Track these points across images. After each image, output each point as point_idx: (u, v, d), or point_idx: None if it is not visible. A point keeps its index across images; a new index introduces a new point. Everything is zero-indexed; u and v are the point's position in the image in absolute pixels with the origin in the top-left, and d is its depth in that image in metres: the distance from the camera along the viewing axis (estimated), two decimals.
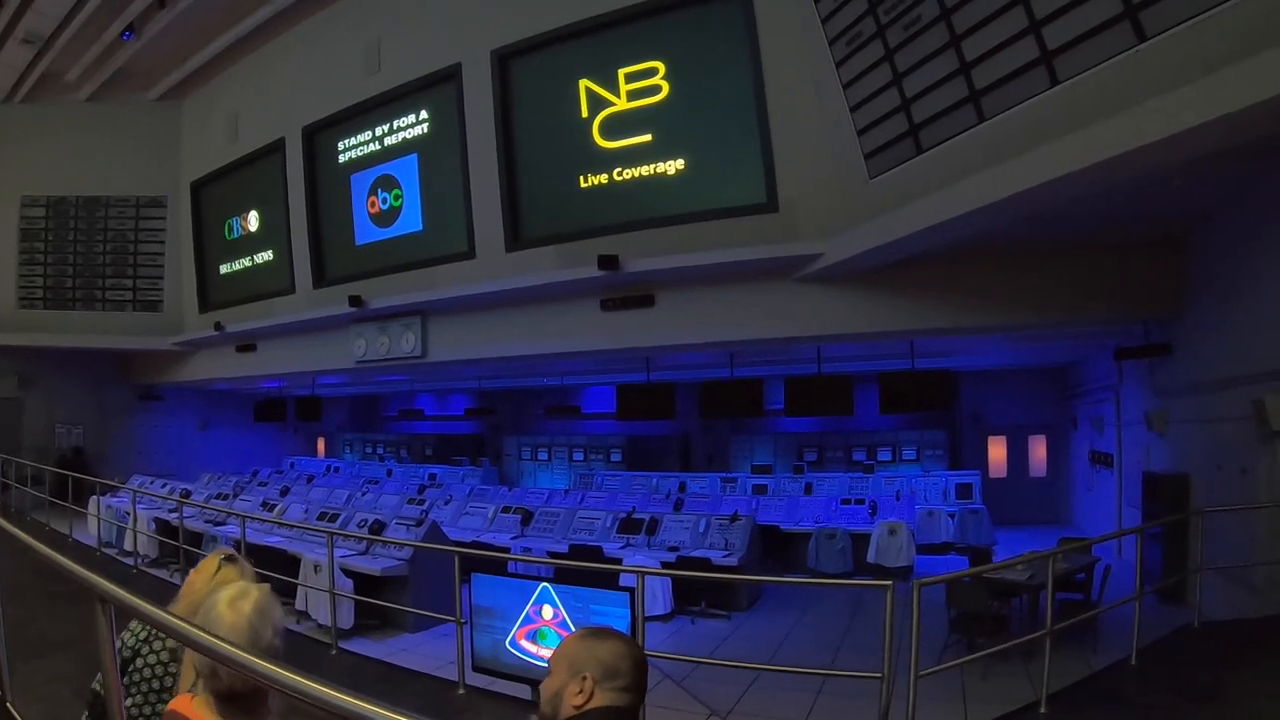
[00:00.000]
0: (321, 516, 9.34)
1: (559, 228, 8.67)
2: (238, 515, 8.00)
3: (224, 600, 1.65)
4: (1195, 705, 4.47)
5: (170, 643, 2.01)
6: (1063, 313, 7.33)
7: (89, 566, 1.88)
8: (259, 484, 13.93)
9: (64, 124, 13.44)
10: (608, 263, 7.98)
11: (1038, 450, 14.63)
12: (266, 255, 12.29)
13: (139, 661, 1.99)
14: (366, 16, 10.36)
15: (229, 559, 2.21)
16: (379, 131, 10.39)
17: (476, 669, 5.15)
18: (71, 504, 10.92)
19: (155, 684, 1.96)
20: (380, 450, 21.02)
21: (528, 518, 9.84)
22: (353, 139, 10.72)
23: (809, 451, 15.79)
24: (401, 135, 10.17)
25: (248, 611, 1.62)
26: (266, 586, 1.76)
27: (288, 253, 11.69)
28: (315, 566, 7.19)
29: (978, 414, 14.84)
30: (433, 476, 15.74)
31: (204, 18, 11.42)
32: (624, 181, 8.25)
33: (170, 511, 9.98)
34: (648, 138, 8.08)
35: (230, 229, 12.91)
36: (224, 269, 13.15)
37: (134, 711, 1.90)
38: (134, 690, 1.94)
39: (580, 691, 1.42)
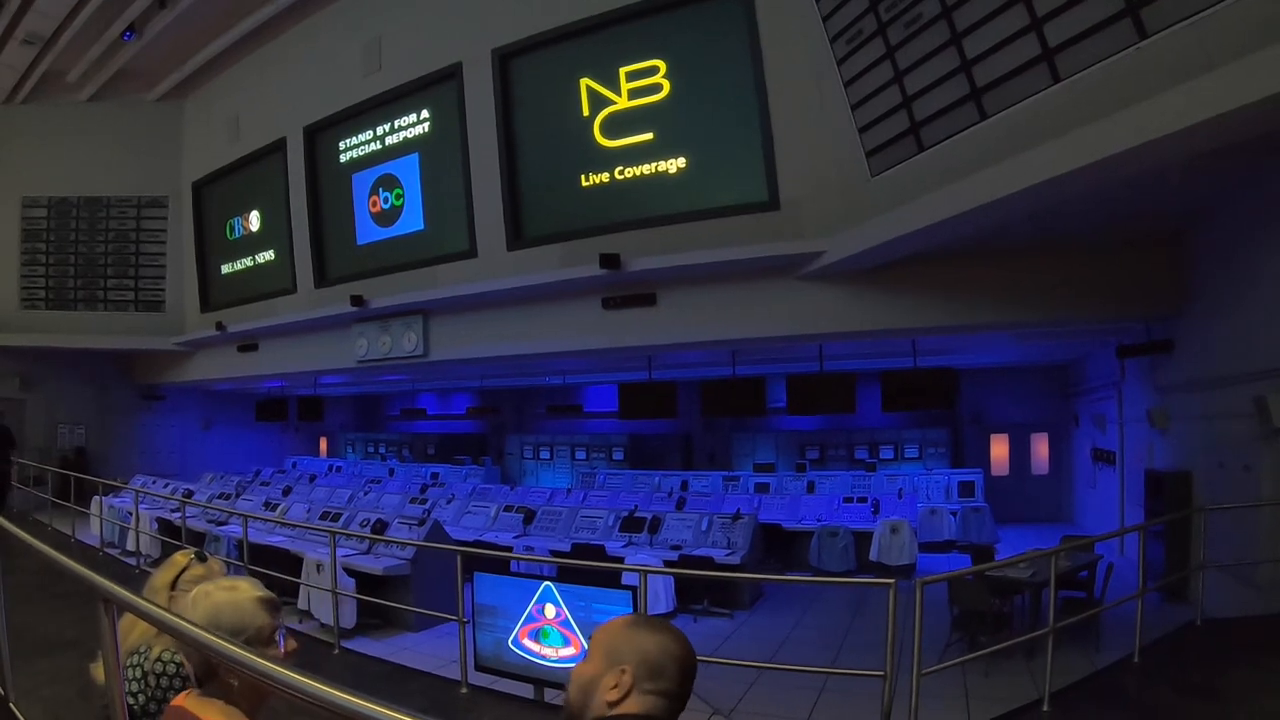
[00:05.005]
0: (324, 516, 9.35)
1: (560, 226, 8.67)
2: (240, 515, 8.01)
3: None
4: (1198, 703, 4.46)
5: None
6: (1064, 310, 7.31)
7: (92, 567, 1.89)
8: (261, 484, 13.93)
9: (65, 124, 13.43)
10: (609, 261, 7.97)
11: (1040, 448, 14.61)
12: (268, 255, 12.29)
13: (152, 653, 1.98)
14: (367, 16, 10.35)
15: (199, 557, 2.20)
16: (380, 131, 10.39)
17: (479, 668, 5.16)
18: (74, 504, 10.93)
19: (164, 681, 1.95)
20: (382, 449, 21.05)
21: (530, 517, 9.85)
22: (354, 138, 10.72)
23: (811, 450, 15.79)
24: (403, 134, 10.16)
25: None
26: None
27: (289, 252, 11.70)
28: (318, 566, 7.20)
29: (980, 412, 14.83)
30: (435, 476, 15.76)
31: (205, 18, 11.40)
32: (625, 180, 8.24)
33: (173, 511, 10.00)
34: (649, 136, 8.07)
35: (232, 229, 12.91)
36: (225, 269, 13.16)
37: (140, 699, 1.89)
38: (144, 684, 1.93)
39: (615, 686, 1.23)
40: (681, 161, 7.95)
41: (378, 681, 5.47)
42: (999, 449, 14.86)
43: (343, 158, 10.89)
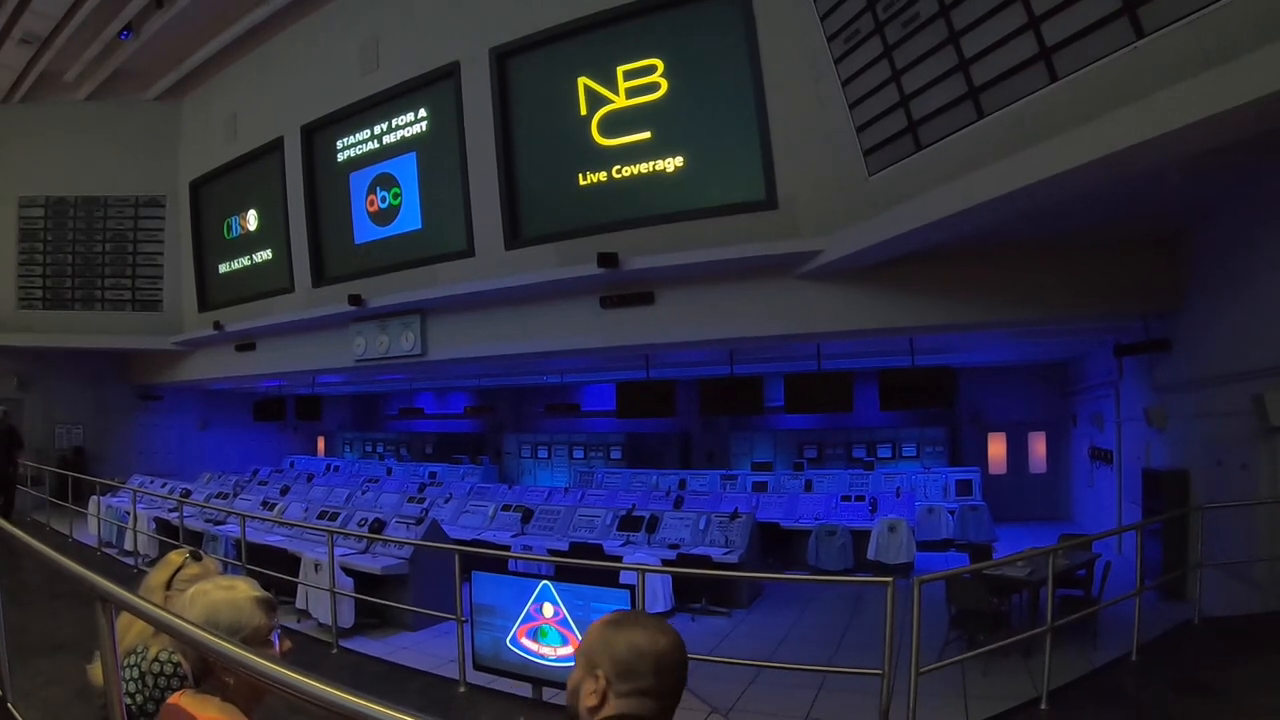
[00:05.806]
0: (322, 515, 9.35)
1: (558, 225, 8.66)
2: (238, 514, 8.00)
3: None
4: (1196, 701, 4.47)
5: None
6: (1062, 309, 7.32)
7: (89, 567, 1.88)
8: (259, 483, 13.93)
9: (62, 124, 13.40)
10: (607, 260, 7.97)
11: (1037, 447, 14.64)
12: (265, 254, 12.27)
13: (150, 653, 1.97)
14: (364, 15, 10.33)
15: (194, 556, 2.21)
16: (377, 130, 10.37)
17: (477, 667, 5.16)
18: (72, 504, 10.92)
19: (161, 681, 1.94)
20: (380, 449, 21.04)
21: (528, 516, 9.84)
22: (351, 138, 10.70)
23: (809, 448, 15.80)
24: (400, 134, 10.15)
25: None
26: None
27: (287, 252, 11.68)
28: (315, 565, 7.19)
29: (978, 411, 14.85)
30: (433, 475, 15.75)
31: (202, 17, 11.38)
32: (623, 179, 8.24)
33: (170, 511, 9.98)
34: (647, 135, 8.07)
35: (229, 228, 12.89)
36: (223, 268, 13.13)
37: (137, 699, 1.89)
38: (142, 684, 1.93)
39: (593, 691, 1.22)
40: (679, 160, 7.94)
41: (376, 681, 5.47)
42: (997, 448, 14.89)
43: (340, 157, 10.87)
